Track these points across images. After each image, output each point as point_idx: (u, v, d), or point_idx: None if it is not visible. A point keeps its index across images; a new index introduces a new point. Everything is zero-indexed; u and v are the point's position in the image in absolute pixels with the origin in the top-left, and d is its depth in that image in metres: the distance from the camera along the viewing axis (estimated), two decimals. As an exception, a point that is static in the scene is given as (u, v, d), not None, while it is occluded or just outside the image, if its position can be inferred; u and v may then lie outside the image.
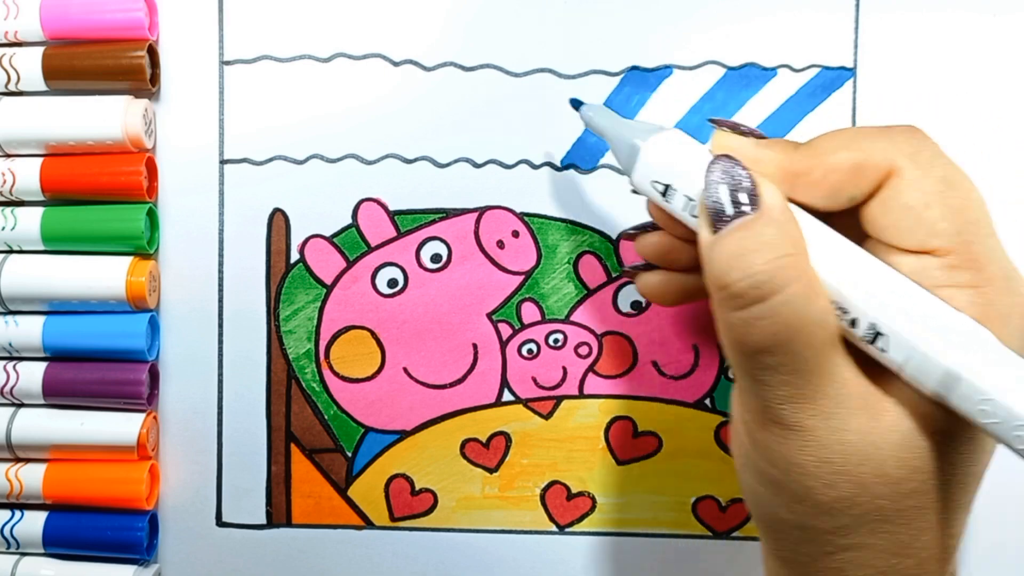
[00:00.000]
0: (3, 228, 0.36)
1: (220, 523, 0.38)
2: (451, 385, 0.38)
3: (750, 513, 0.28)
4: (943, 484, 0.25)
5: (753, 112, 0.37)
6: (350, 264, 0.37)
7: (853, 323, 0.25)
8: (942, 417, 0.25)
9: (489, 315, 0.37)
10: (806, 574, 0.27)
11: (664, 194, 0.29)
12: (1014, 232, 0.37)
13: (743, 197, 0.26)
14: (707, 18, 0.37)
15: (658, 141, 0.29)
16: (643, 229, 0.33)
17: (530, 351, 0.37)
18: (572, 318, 0.37)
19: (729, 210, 0.26)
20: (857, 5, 0.37)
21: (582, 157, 0.37)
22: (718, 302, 0.26)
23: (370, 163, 0.37)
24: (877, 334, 0.25)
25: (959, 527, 0.26)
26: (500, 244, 0.37)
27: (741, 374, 0.26)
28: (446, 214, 0.37)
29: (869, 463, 0.25)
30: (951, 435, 0.25)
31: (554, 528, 0.38)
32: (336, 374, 0.38)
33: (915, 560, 0.26)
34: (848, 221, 0.27)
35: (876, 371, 0.25)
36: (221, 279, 0.38)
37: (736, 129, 0.28)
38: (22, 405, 0.37)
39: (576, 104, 0.33)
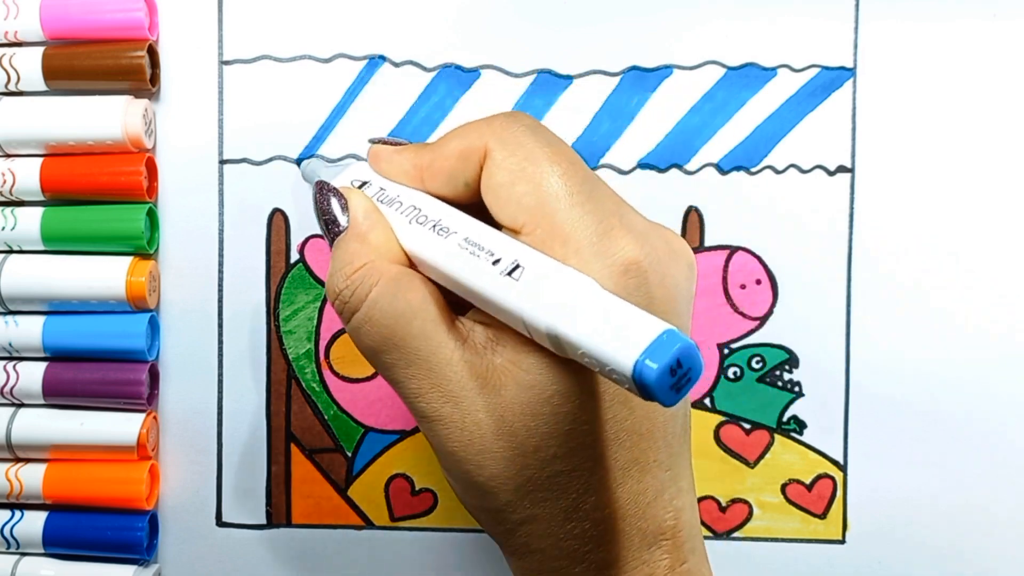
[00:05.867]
0: (3, 228, 0.36)
1: (220, 523, 0.38)
2: (451, 385, 0.38)
3: None
4: (588, 445, 0.26)
5: (753, 112, 0.37)
6: (350, 264, 0.37)
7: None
8: (562, 380, 0.25)
9: (489, 315, 0.37)
10: (513, 553, 0.28)
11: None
12: (1013, 232, 0.37)
13: (339, 214, 0.29)
14: (707, 18, 0.37)
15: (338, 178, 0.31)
16: None
17: (530, 351, 0.37)
18: (572, 318, 0.37)
19: (335, 227, 0.29)
20: (857, 5, 0.37)
21: (582, 156, 0.37)
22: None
23: (370, 163, 0.37)
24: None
25: (643, 484, 0.27)
26: (500, 244, 0.37)
27: (384, 378, 0.28)
28: (446, 214, 0.37)
29: (503, 438, 0.26)
30: (574, 397, 0.26)
31: (554, 528, 0.38)
32: (336, 374, 0.38)
33: (591, 522, 0.26)
34: None
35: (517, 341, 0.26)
36: (221, 279, 0.38)
37: (383, 141, 0.31)
38: (22, 405, 0.37)
39: (297, 162, 0.37)
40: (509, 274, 0.25)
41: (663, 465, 0.27)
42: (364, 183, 0.30)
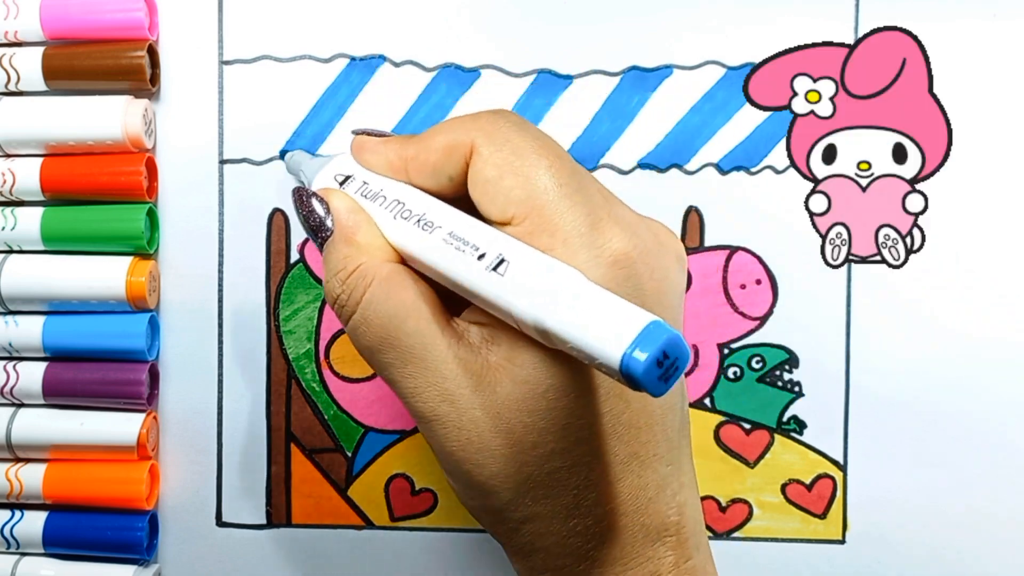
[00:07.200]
0: (3, 228, 0.36)
1: (220, 523, 0.38)
2: (451, 385, 0.38)
3: None
4: (585, 439, 0.26)
5: (753, 112, 0.37)
6: (350, 264, 0.37)
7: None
8: (557, 375, 0.25)
9: (489, 315, 0.37)
10: (517, 553, 0.28)
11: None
12: (1013, 233, 0.37)
13: (323, 217, 0.29)
14: (707, 18, 0.37)
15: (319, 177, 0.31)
16: None
17: (530, 351, 0.37)
18: (572, 318, 0.37)
19: (322, 232, 0.29)
20: (857, 5, 0.37)
21: (583, 156, 0.37)
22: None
23: (370, 163, 0.37)
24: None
25: (644, 479, 0.27)
26: (500, 244, 0.37)
27: (383, 379, 0.28)
28: (446, 214, 0.37)
29: (501, 435, 0.26)
30: (569, 391, 0.26)
31: (554, 528, 0.38)
32: (336, 374, 0.38)
33: (593, 518, 0.26)
34: None
35: (517, 338, 0.26)
36: (221, 279, 0.38)
37: (366, 132, 0.31)
38: (22, 405, 0.37)
39: (281, 154, 0.37)
40: (495, 269, 0.25)
41: (663, 459, 0.27)
42: (347, 177, 0.30)
